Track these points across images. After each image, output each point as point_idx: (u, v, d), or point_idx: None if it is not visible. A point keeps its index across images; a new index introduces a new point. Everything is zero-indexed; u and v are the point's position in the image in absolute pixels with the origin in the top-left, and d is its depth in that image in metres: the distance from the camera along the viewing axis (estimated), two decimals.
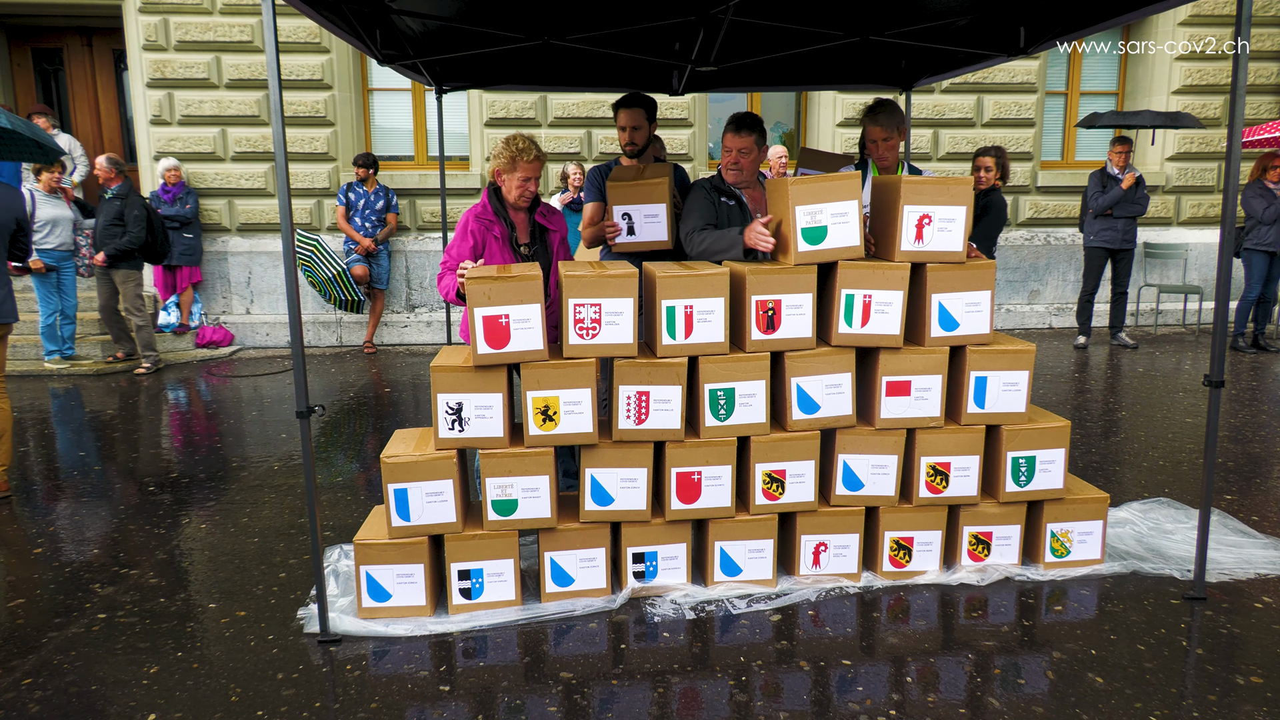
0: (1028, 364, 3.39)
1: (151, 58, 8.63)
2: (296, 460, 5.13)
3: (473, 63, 5.09)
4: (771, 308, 3.25)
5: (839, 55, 5.10)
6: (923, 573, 3.48)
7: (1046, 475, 3.46)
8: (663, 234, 3.89)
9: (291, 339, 3.02)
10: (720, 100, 9.42)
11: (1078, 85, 9.62)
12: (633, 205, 3.88)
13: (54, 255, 7.51)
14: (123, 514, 4.32)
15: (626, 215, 3.90)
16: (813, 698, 2.69)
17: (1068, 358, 7.89)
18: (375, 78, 9.13)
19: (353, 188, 8.51)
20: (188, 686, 2.78)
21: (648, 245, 3.92)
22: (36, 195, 7.41)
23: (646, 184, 3.85)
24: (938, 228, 3.29)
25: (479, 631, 3.13)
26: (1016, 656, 2.91)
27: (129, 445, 5.49)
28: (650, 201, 3.86)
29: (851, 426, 3.39)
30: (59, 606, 3.34)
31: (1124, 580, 3.45)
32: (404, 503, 3.15)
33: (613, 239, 3.95)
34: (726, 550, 3.38)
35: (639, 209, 3.88)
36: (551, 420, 3.17)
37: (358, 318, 8.98)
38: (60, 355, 7.78)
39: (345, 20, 4.02)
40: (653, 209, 3.87)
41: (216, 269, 9.02)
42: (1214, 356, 3.15)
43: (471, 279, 3.06)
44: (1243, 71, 2.92)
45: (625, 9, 4.05)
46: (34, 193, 7.41)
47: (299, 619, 3.20)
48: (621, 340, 3.17)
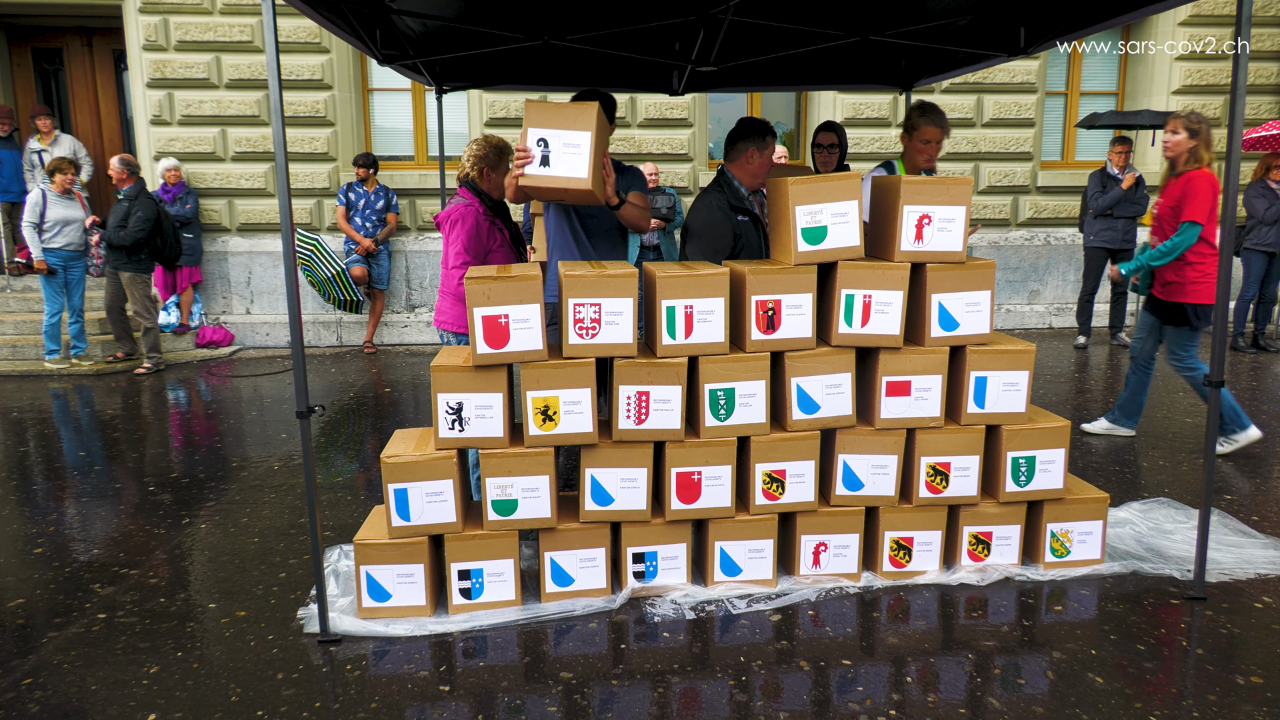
0: (1028, 364, 3.40)
1: (151, 58, 8.63)
2: (296, 460, 5.13)
3: (473, 63, 5.09)
4: (771, 308, 3.25)
5: (839, 55, 5.10)
6: (923, 573, 3.48)
7: (1046, 475, 3.46)
8: (582, 169, 3.27)
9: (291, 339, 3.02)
10: (720, 100, 9.42)
11: (1078, 85, 9.62)
12: (552, 129, 3.27)
13: (61, 255, 7.53)
14: (123, 514, 4.32)
15: (543, 141, 3.28)
16: (813, 698, 2.69)
17: (1068, 358, 7.89)
18: (375, 78, 9.13)
19: (353, 188, 8.51)
20: (188, 686, 2.78)
21: (561, 182, 3.28)
22: (49, 195, 7.43)
23: (572, 106, 3.28)
24: (937, 228, 3.29)
25: (479, 631, 3.13)
26: (1016, 656, 2.91)
27: (129, 445, 5.49)
28: (573, 127, 3.26)
29: (851, 426, 3.39)
30: (59, 606, 3.34)
31: (1124, 580, 3.45)
32: (404, 503, 3.15)
33: (520, 168, 3.30)
34: (726, 550, 3.38)
35: (558, 134, 3.27)
36: (551, 420, 3.17)
37: (358, 318, 8.98)
38: (61, 355, 7.79)
39: (345, 20, 4.02)
40: (575, 136, 3.27)
41: (216, 269, 9.02)
42: (1214, 356, 3.15)
43: (471, 279, 3.07)
44: (1243, 71, 2.92)
45: (625, 9, 4.05)
46: (47, 192, 7.43)
47: (299, 619, 3.20)
48: (621, 340, 3.17)
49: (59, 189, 7.41)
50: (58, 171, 7.38)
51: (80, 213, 7.55)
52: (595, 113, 3.25)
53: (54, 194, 7.43)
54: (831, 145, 4.80)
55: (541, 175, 3.26)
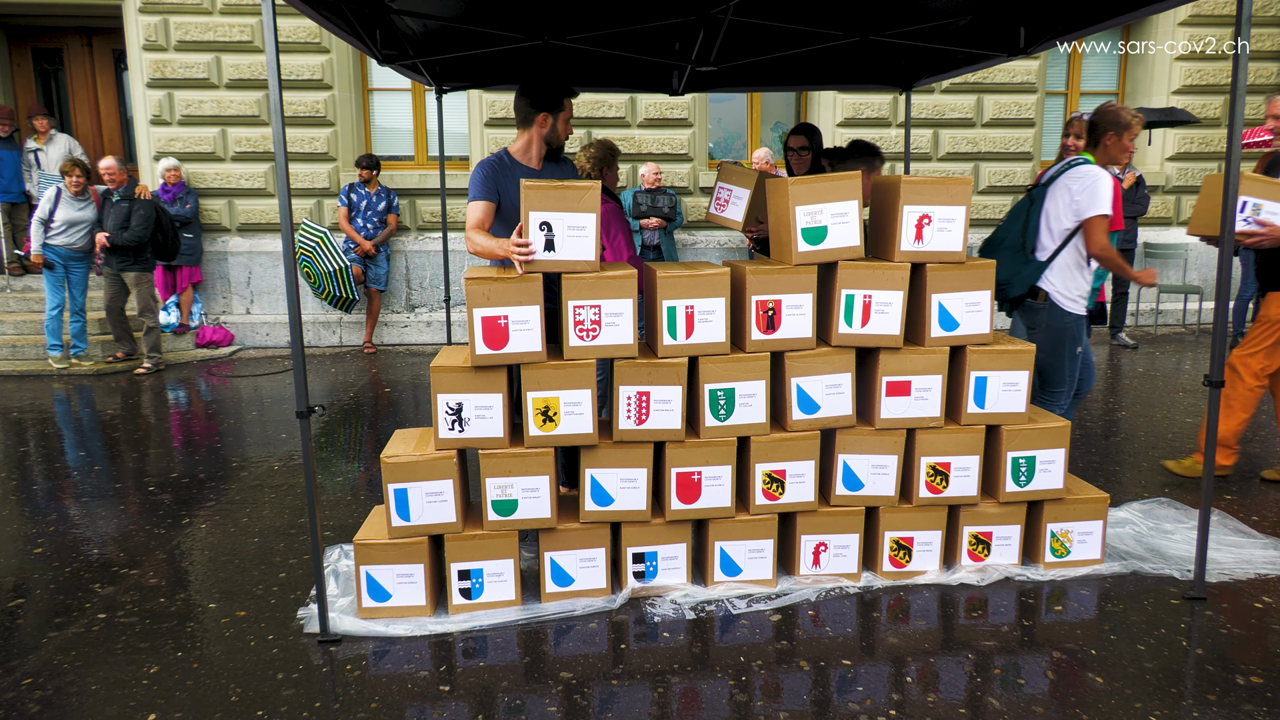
0: (1027, 364, 3.40)
1: (151, 58, 8.63)
2: (296, 460, 5.13)
3: (473, 63, 5.09)
4: (772, 308, 3.25)
5: (839, 55, 5.10)
6: (923, 573, 3.48)
7: (1046, 475, 3.46)
8: (589, 252, 3.14)
9: (291, 339, 3.02)
10: (720, 100, 9.42)
11: (1078, 85, 9.62)
12: (555, 213, 3.09)
13: (60, 253, 7.53)
14: (123, 514, 4.32)
15: (546, 225, 3.10)
16: (813, 698, 2.69)
17: None
18: (375, 78, 9.13)
19: (354, 189, 8.51)
20: (188, 686, 2.78)
21: (568, 266, 3.14)
22: (64, 194, 7.45)
23: (574, 187, 3.09)
24: (937, 228, 3.29)
25: (479, 631, 3.13)
26: (1016, 656, 2.91)
27: (129, 445, 5.49)
28: (577, 210, 3.09)
29: (851, 426, 3.39)
30: (59, 606, 3.34)
31: (1124, 580, 3.45)
32: (404, 503, 3.15)
33: (526, 257, 3.09)
34: (726, 550, 3.38)
35: (562, 218, 3.09)
36: (552, 421, 3.17)
37: (358, 318, 8.98)
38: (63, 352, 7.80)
39: (345, 20, 4.02)
40: (580, 219, 3.11)
41: (216, 269, 9.02)
42: (1214, 356, 3.15)
43: (470, 279, 3.07)
44: (1243, 71, 2.92)
45: (625, 9, 4.05)
46: (62, 190, 7.45)
47: (299, 619, 3.20)
48: (622, 341, 3.17)
49: (73, 190, 7.44)
50: (67, 174, 7.42)
51: (89, 215, 7.56)
52: (598, 192, 3.13)
53: (68, 194, 7.46)
54: (802, 148, 4.81)
55: (547, 261, 3.13)
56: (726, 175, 4.65)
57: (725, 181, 4.61)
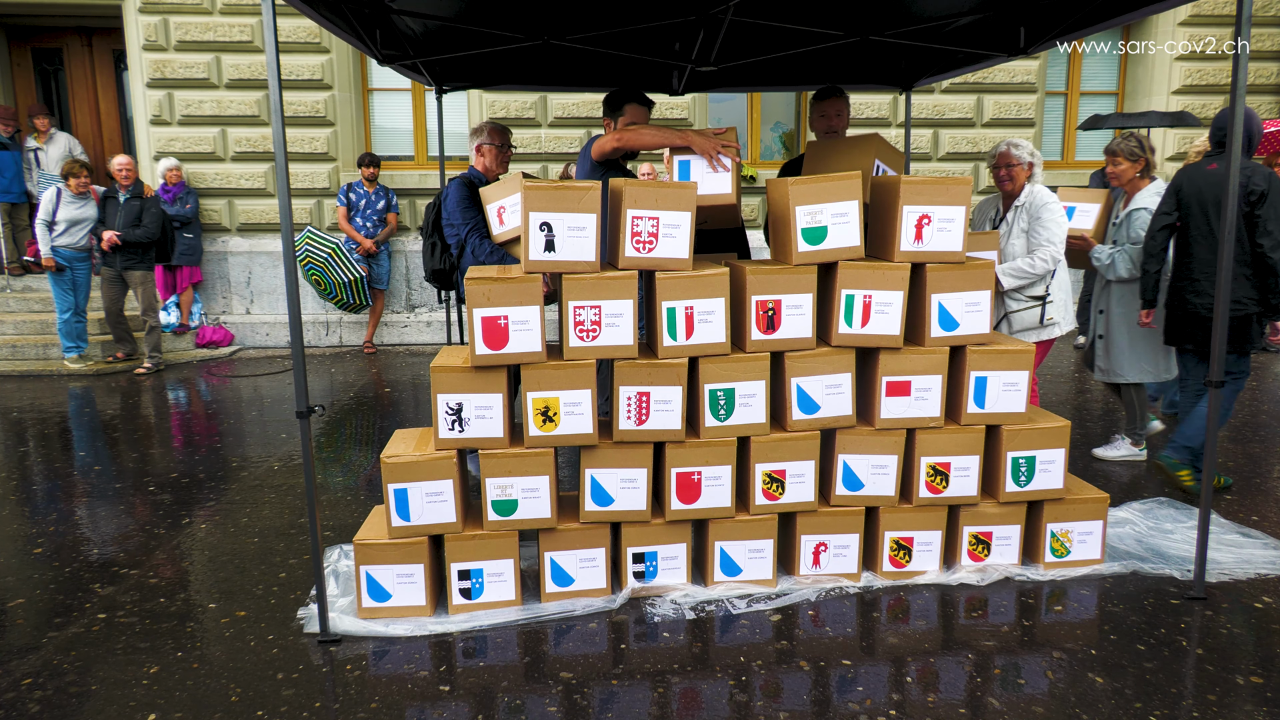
0: (1027, 364, 3.40)
1: (151, 58, 8.63)
2: (296, 460, 5.13)
3: (473, 63, 5.09)
4: (771, 308, 3.25)
5: (839, 55, 5.10)
6: (923, 573, 3.48)
7: (1046, 475, 3.46)
8: (589, 253, 3.15)
9: (291, 339, 3.02)
10: (720, 100, 9.42)
11: (1078, 85, 9.62)
12: (555, 213, 3.12)
13: (62, 254, 7.54)
14: (123, 514, 4.32)
15: (545, 225, 3.14)
16: (813, 698, 2.69)
17: (1068, 358, 7.88)
18: (375, 78, 9.13)
19: (353, 188, 8.51)
20: (188, 686, 2.78)
21: (567, 267, 3.16)
22: (64, 194, 7.45)
23: (574, 188, 3.12)
24: (937, 228, 3.29)
25: (479, 631, 3.13)
26: (1016, 656, 2.91)
27: (129, 445, 5.49)
28: (578, 210, 3.12)
29: (851, 426, 3.39)
30: (59, 606, 3.34)
31: (1124, 580, 3.45)
32: (404, 503, 3.15)
33: (725, 154, 3.40)
34: (726, 550, 3.38)
35: (562, 219, 3.12)
36: (552, 421, 3.17)
37: (357, 318, 8.98)
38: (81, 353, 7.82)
39: (345, 20, 4.02)
40: (580, 220, 3.13)
41: (216, 269, 9.02)
42: (1214, 356, 3.15)
43: (471, 279, 3.07)
44: (1243, 71, 2.92)
45: (625, 9, 4.05)
46: (62, 190, 7.45)
47: (299, 619, 3.20)
48: (622, 342, 3.17)
49: (75, 190, 7.45)
50: (71, 176, 7.43)
51: (90, 214, 7.56)
52: (598, 192, 3.14)
53: (69, 194, 7.46)
54: (838, 113, 4.56)
55: (546, 261, 3.14)
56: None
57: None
